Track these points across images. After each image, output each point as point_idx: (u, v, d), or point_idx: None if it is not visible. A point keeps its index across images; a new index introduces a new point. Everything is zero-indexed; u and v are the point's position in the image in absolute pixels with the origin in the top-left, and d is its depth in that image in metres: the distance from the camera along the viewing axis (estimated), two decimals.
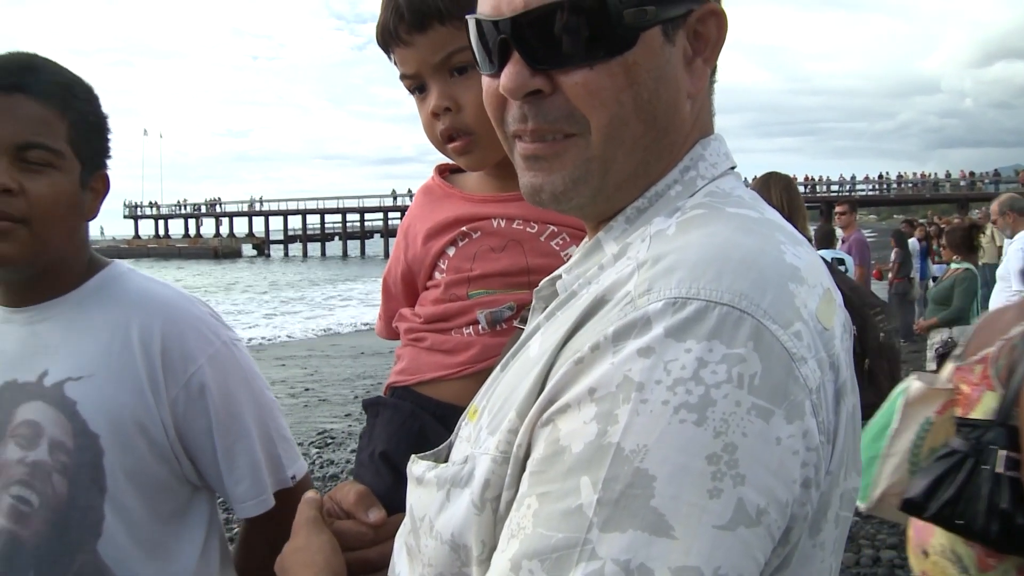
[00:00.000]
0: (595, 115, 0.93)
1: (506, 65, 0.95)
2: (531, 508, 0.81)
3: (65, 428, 1.64)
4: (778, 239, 0.90)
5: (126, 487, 1.66)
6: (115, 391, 1.66)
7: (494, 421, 0.95)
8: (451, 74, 1.44)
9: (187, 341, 1.72)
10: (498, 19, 0.94)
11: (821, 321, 0.86)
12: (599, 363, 0.81)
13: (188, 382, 1.71)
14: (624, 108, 0.93)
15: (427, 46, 1.42)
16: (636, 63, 0.92)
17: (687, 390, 0.76)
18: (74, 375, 1.66)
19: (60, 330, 1.70)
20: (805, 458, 0.79)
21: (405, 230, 1.62)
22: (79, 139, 1.67)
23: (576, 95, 0.93)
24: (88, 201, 1.73)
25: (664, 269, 0.84)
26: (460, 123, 1.45)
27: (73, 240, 1.72)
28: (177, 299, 1.80)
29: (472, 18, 1.00)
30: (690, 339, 0.78)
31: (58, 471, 1.64)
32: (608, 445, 0.77)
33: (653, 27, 0.93)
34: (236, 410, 1.76)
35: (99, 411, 1.64)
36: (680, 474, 0.75)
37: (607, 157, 0.95)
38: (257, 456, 1.77)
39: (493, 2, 0.96)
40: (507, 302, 1.47)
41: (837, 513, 0.89)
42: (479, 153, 1.48)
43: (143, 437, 1.67)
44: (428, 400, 1.50)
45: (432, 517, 0.98)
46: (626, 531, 0.74)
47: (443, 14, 1.38)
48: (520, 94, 0.95)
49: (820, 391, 0.82)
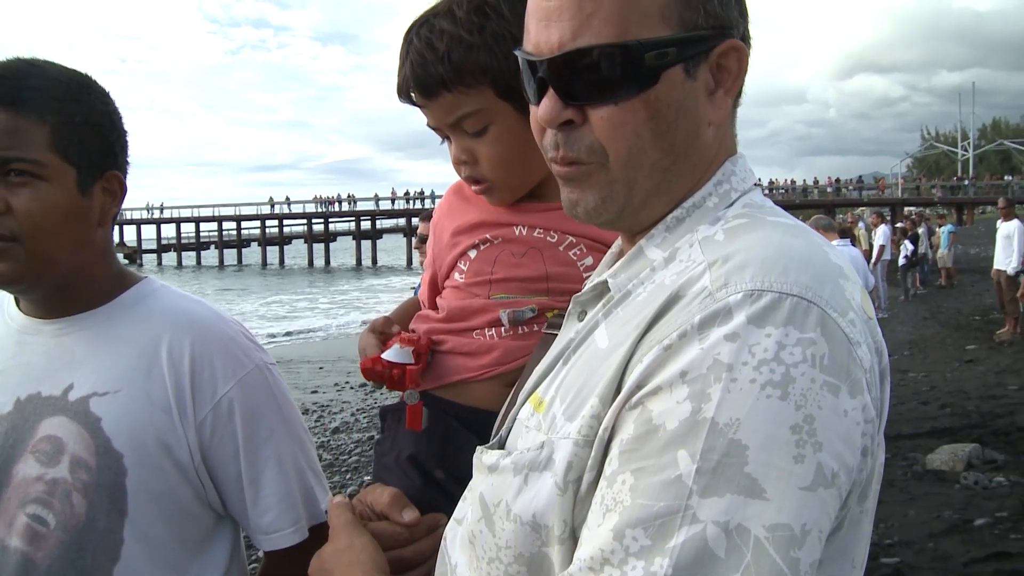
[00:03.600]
0: (614, 146, 1.05)
1: (543, 98, 1.07)
2: (626, 483, 0.89)
3: (88, 445, 1.57)
4: (820, 243, 1.02)
5: (149, 510, 1.59)
6: (141, 409, 1.59)
7: (570, 408, 1.02)
8: (466, 132, 1.52)
9: (217, 362, 1.65)
10: (537, 58, 1.06)
11: (866, 311, 0.99)
12: (687, 349, 0.91)
13: (217, 404, 1.64)
14: (642, 139, 1.05)
15: (439, 109, 1.51)
16: (658, 99, 1.03)
17: (771, 369, 0.87)
18: (100, 390, 1.60)
19: (88, 344, 1.63)
20: (864, 429, 0.91)
21: (434, 226, 1.70)
22: (67, 143, 1.55)
23: (601, 128, 1.05)
24: (97, 207, 1.63)
25: (736, 266, 0.95)
26: (478, 173, 1.54)
27: (86, 250, 1.63)
28: (210, 317, 1.73)
29: (519, 54, 1.12)
30: (769, 325, 0.89)
31: (78, 490, 1.56)
32: (704, 420, 0.87)
33: (674, 66, 1.04)
34: (264, 437, 1.68)
35: (124, 429, 1.57)
36: (770, 442, 0.85)
37: (628, 179, 1.07)
38: (285, 487, 1.69)
39: (534, 41, 1.07)
40: (528, 304, 1.53)
41: (874, 485, 1.00)
42: (497, 196, 1.57)
43: (168, 458, 1.60)
44: (450, 404, 1.55)
45: (509, 501, 1.05)
46: (724, 496, 0.84)
47: (447, 82, 1.46)
48: (553, 124, 1.08)
49: (871, 371, 0.94)
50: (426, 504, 1.38)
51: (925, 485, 7.35)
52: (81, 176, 1.58)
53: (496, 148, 1.51)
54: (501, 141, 1.50)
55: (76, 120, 1.57)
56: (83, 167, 1.58)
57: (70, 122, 1.56)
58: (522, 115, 1.46)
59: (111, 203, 1.66)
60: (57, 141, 1.54)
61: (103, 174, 1.63)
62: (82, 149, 1.58)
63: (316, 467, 1.79)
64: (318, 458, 7.06)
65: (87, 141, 1.59)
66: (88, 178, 1.59)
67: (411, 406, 1.53)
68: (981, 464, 7.70)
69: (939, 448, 8.07)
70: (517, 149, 1.50)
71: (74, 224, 1.58)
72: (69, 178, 1.56)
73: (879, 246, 20.52)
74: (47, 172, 1.53)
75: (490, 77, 1.46)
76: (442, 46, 1.46)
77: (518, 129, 1.48)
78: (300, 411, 1.83)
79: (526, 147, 1.47)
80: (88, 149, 1.59)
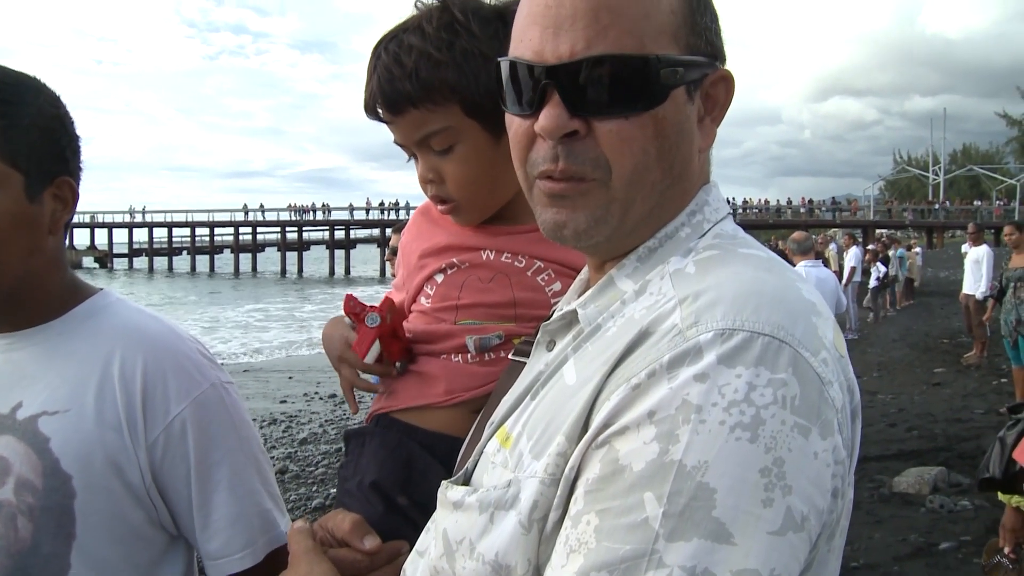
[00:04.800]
0: (621, 161, 1.02)
1: (544, 107, 1.02)
2: (591, 524, 0.87)
3: (35, 466, 1.50)
4: (792, 277, 1.00)
5: (97, 533, 1.53)
6: (91, 428, 1.53)
7: (537, 445, 1.00)
8: (433, 148, 1.49)
9: (171, 380, 1.59)
10: (541, 64, 1.02)
11: (838, 349, 0.97)
12: (656, 388, 0.89)
13: (170, 424, 1.57)
14: (648, 157, 1.03)
15: (405, 126, 1.49)
16: (665, 117, 1.02)
17: (740, 411, 0.85)
18: (50, 409, 1.54)
19: (39, 360, 1.57)
20: (835, 470, 0.90)
21: (403, 247, 1.69)
22: (13, 148, 1.49)
23: (608, 142, 1.02)
24: (47, 214, 1.56)
25: (707, 304, 0.93)
26: (444, 192, 1.52)
27: (36, 259, 1.56)
28: (165, 334, 1.66)
29: (507, 60, 1.07)
30: (739, 365, 0.87)
31: (23, 513, 1.50)
32: (671, 462, 0.85)
33: (680, 86, 1.03)
34: (217, 459, 1.61)
35: (73, 449, 1.51)
36: (738, 486, 0.83)
37: (627, 200, 1.04)
38: (237, 510, 1.62)
39: (536, 47, 1.03)
40: (495, 331, 1.50)
41: (843, 523, 0.98)
42: (463, 216, 1.55)
43: (118, 479, 1.54)
44: (414, 429, 1.53)
45: (473, 539, 1.03)
46: (691, 540, 0.82)
47: (414, 99, 1.44)
48: (558, 135, 1.03)
49: (843, 411, 0.93)
50: (388, 531, 1.35)
51: (891, 508, 7.40)
52: (29, 182, 1.52)
53: (463, 167, 1.48)
54: (468, 160, 1.48)
55: (23, 124, 1.51)
56: (31, 173, 1.52)
57: (17, 126, 1.50)
58: (490, 135, 1.44)
59: (62, 210, 1.59)
60: (3, 146, 1.48)
61: (53, 180, 1.56)
62: (30, 154, 1.52)
63: (273, 489, 1.72)
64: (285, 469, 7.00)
65: (36, 146, 1.53)
66: (37, 184, 1.53)
67: (364, 328, 1.53)
68: (947, 488, 7.76)
69: (906, 471, 8.13)
70: (484, 169, 1.47)
71: (23, 232, 1.52)
72: (16, 184, 1.50)
73: (850, 267, 20.70)
74: None
75: (458, 95, 1.44)
76: (410, 62, 1.43)
77: (485, 149, 1.46)
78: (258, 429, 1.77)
79: (493, 167, 1.44)
80: (37, 154, 1.53)
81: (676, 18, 1.03)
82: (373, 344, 1.53)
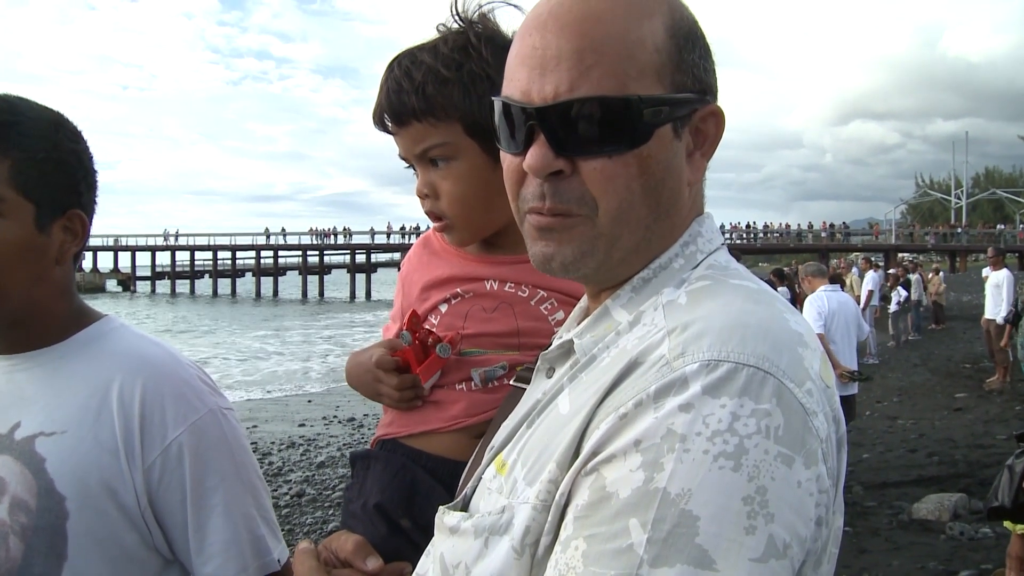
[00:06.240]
0: (606, 198, 1.05)
1: (531, 146, 1.05)
2: (579, 549, 0.89)
3: (30, 487, 1.53)
4: (780, 308, 1.02)
5: (90, 554, 1.54)
6: (88, 451, 1.55)
7: (531, 473, 1.03)
8: (431, 163, 1.54)
9: (169, 405, 1.62)
10: (528, 106, 1.05)
11: (824, 380, 0.98)
12: (643, 418, 0.91)
13: (166, 449, 1.60)
14: (633, 194, 1.05)
15: (408, 138, 1.53)
16: (649, 155, 1.04)
17: (724, 440, 0.87)
18: (47, 430, 1.56)
19: (39, 381, 1.61)
20: (818, 499, 0.91)
21: (403, 279, 1.71)
22: (27, 179, 1.54)
23: (593, 180, 1.04)
24: (56, 245, 1.61)
25: (694, 335, 0.95)
26: (438, 208, 1.56)
27: (42, 287, 1.61)
28: (165, 360, 1.69)
29: (499, 100, 1.10)
30: (724, 396, 0.89)
31: (15, 533, 1.52)
32: (656, 490, 0.86)
33: (665, 125, 1.05)
34: (213, 484, 1.63)
35: (68, 471, 1.53)
36: (721, 513, 0.85)
37: (613, 235, 1.07)
38: (232, 535, 1.64)
39: (523, 88, 1.06)
40: (499, 362, 1.54)
41: (830, 549, 1.00)
42: (455, 235, 1.59)
43: (113, 501, 1.56)
44: (419, 453, 1.56)
45: (469, 564, 1.05)
46: (674, 566, 0.84)
47: (418, 112, 1.50)
48: (543, 174, 1.06)
49: (828, 441, 0.94)
50: (391, 553, 1.38)
51: (911, 535, 7.31)
52: (40, 213, 1.57)
53: (457, 185, 1.53)
54: (463, 179, 1.52)
55: (39, 157, 1.56)
56: (43, 204, 1.57)
57: (33, 159, 1.55)
58: (488, 157, 1.48)
59: (71, 242, 1.64)
60: (17, 177, 1.53)
61: (64, 212, 1.61)
62: (43, 186, 1.57)
63: (268, 515, 1.74)
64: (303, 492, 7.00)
65: (50, 178, 1.58)
66: (47, 215, 1.58)
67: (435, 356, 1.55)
68: (967, 514, 7.67)
69: (926, 497, 8.04)
70: (478, 188, 1.51)
71: (29, 260, 1.57)
72: (27, 214, 1.55)
73: (867, 291, 20.57)
74: (3, 207, 1.52)
75: (460, 113, 1.49)
76: (419, 77, 1.49)
77: (482, 169, 1.50)
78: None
79: (488, 188, 1.48)
80: (50, 186, 1.58)
81: (661, 56, 1.05)
82: (436, 373, 1.56)
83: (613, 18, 1.03)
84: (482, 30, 1.53)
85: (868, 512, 8.04)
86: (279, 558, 1.70)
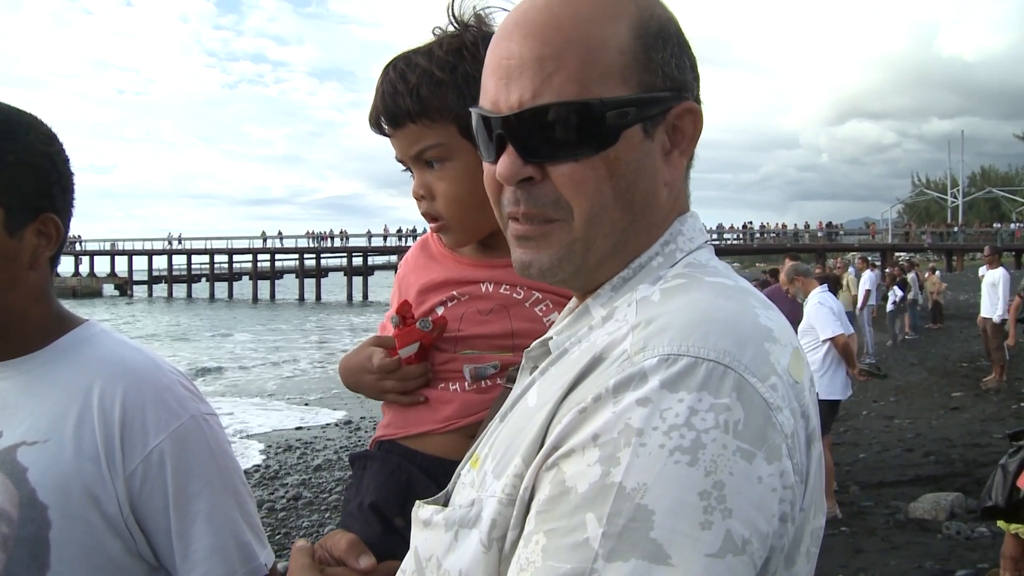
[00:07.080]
0: (578, 203, 1.05)
1: (502, 155, 1.07)
2: (539, 544, 0.90)
3: (12, 496, 1.50)
4: (752, 304, 1.02)
5: (73, 564, 1.52)
6: (70, 459, 1.53)
7: (498, 467, 1.03)
8: (427, 165, 1.56)
9: (150, 412, 1.59)
10: (496, 115, 1.07)
11: (792, 375, 0.97)
12: (601, 412, 0.91)
13: (148, 456, 1.57)
14: (604, 197, 1.05)
15: (403, 139, 1.56)
16: (617, 157, 1.04)
17: (680, 435, 0.87)
18: (29, 439, 1.54)
19: (20, 390, 1.58)
20: (782, 495, 0.90)
21: (399, 281, 1.74)
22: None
23: (562, 184, 1.05)
24: (28, 249, 1.57)
25: (657, 329, 0.95)
26: (433, 209, 1.58)
27: (15, 293, 1.58)
28: (146, 366, 1.66)
29: (475, 111, 1.12)
30: (682, 390, 0.89)
31: None
32: (611, 484, 0.87)
33: (634, 126, 1.05)
34: (196, 491, 1.61)
35: (51, 480, 1.51)
36: (676, 508, 0.85)
37: (588, 239, 1.07)
38: (216, 541, 1.62)
39: (492, 98, 1.08)
40: (492, 360, 1.56)
41: (808, 548, 1.00)
42: (452, 236, 1.62)
43: (95, 510, 1.53)
44: (415, 453, 1.59)
45: (440, 557, 1.06)
46: (628, 560, 0.84)
47: (412, 114, 1.52)
48: (513, 181, 1.07)
49: (794, 437, 0.94)
50: (385, 552, 1.39)
51: (907, 534, 7.32)
52: (10, 217, 1.54)
53: (454, 186, 1.55)
54: (458, 180, 1.54)
55: (8, 160, 1.53)
56: (13, 208, 1.54)
57: (1, 162, 1.52)
58: None
59: (45, 246, 1.60)
60: None
61: (37, 216, 1.58)
62: (13, 190, 1.54)
63: (253, 520, 1.72)
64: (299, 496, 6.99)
65: (20, 182, 1.55)
66: (18, 219, 1.55)
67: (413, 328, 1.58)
68: (964, 514, 7.68)
69: (922, 496, 8.05)
70: (473, 189, 1.51)
71: (0, 265, 1.54)
72: None
73: (864, 291, 20.59)
74: None
75: (454, 115, 1.50)
76: (413, 79, 1.51)
77: (477, 169, 1.49)
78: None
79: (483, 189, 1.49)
80: (20, 190, 1.55)
81: (625, 58, 1.05)
82: (413, 343, 1.58)
83: (575, 24, 1.04)
84: (477, 32, 1.55)
85: (865, 512, 8.06)
86: (265, 563, 1.68)
